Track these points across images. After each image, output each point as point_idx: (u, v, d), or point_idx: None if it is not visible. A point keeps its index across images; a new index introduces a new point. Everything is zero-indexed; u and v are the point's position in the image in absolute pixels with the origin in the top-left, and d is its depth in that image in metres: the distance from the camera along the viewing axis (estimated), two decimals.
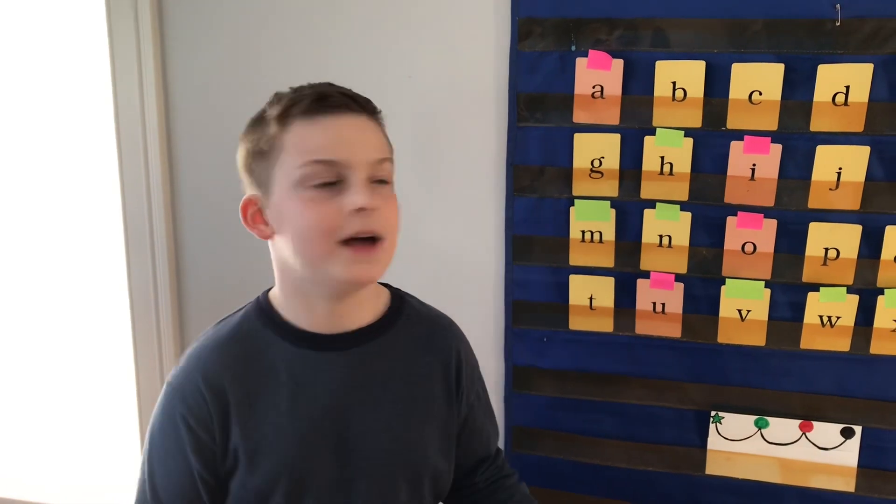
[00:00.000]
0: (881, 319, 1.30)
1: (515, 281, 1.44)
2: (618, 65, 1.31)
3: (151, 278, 1.60)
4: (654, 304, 1.39)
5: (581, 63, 1.33)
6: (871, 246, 1.28)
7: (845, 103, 1.23)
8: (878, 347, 1.31)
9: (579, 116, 1.35)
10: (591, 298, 1.42)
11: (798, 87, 1.25)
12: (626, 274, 1.39)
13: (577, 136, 1.36)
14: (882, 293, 1.28)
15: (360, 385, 0.93)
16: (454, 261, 1.47)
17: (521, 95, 1.37)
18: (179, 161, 1.57)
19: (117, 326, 1.69)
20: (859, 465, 1.35)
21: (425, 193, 1.45)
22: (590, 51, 1.32)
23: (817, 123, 1.25)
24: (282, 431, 0.89)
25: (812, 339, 1.34)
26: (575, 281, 1.41)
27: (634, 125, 1.33)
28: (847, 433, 1.35)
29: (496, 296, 1.46)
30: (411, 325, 0.98)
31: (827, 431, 1.36)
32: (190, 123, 1.55)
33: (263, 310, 0.94)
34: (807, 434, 1.36)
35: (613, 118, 1.34)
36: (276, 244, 0.91)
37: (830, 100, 1.23)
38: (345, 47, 1.43)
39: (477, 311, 1.48)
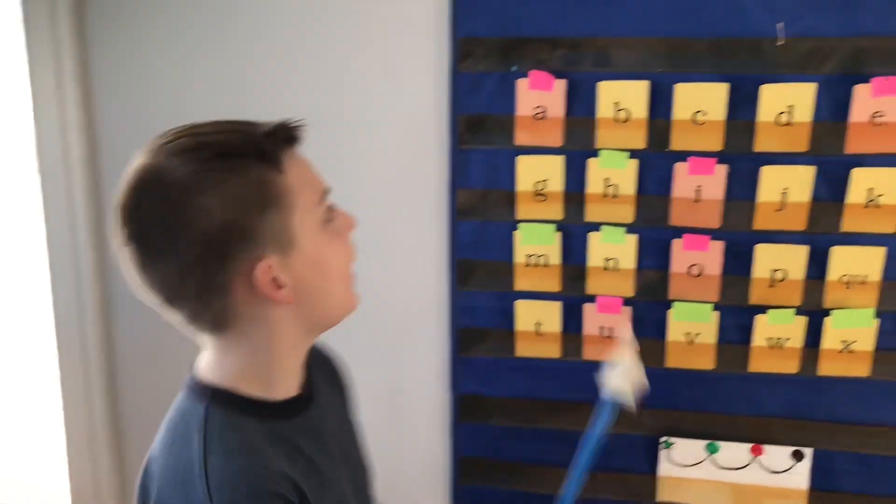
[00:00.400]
0: (829, 340, 1.28)
1: (460, 307, 1.40)
2: (560, 85, 1.27)
3: (75, 297, 1.52)
4: (602, 328, 1.35)
5: (522, 84, 1.28)
6: (817, 266, 1.26)
7: (789, 123, 1.21)
8: (826, 369, 1.30)
9: (522, 138, 1.30)
10: (537, 324, 1.37)
11: (742, 107, 1.22)
12: (573, 298, 1.35)
13: (519, 158, 1.31)
14: (829, 314, 1.26)
15: (333, 423, 0.91)
16: (397, 288, 1.42)
17: (462, 117, 1.32)
18: (104, 177, 1.49)
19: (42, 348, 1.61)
20: (810, 488, 1.34)
21: (365, 219, 1.38)
22: (531, 71, 1.27)
23: (762, 143, 1.23)
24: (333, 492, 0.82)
25: (761, 362, 1.31)
26: (521, 306, 1.37)
27: (578, 147, 1.30)
28: (797, 456, 1.33)
29: (440, 323, 1.42)
30: (319, 360, 0.95)
31: (778, 455, 1.34)
32: (115, 144, 1.47)
33: (238, 406, 0.79)
34: (758, 458, 1.34)
35: (556, 140, 1.30)
36: (284, 309, 0.77)
37: (774, 120, 1.21)
38: (278, 69, 1.37)
39: (421, 339, 1.43)
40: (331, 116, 1.36)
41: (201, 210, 0.70)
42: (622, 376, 1.09)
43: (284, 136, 0.76)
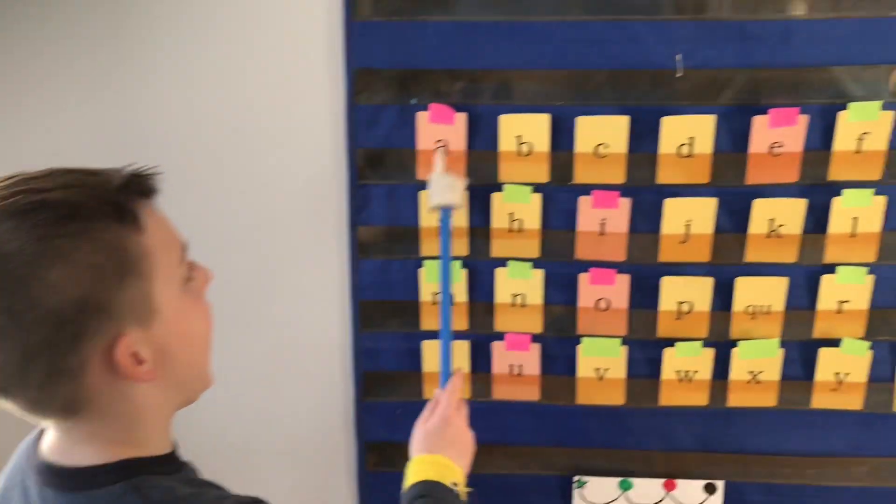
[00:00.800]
0: (736, 371, 1.27)
1: (364, 350, 1.33)
2: (461, 118, 1.22)
3: None
4: (511, 366, 1.31)
5: (423, 117, 1.23)
6: (722, 298, 1.25)
7: (690, 155, 1.19)
8: (735, 400, 1.29)
9: (424, 173, 1.25)
10: (458, 368, 1.31)
11: (643, 140, 1.20)
12: (481, 336, 1.30)
13: (422, 193, 1.25)
14: (736, 345, 1.24)
15: None
16: (297, 332, 1.34)
17: (360, 151, 1.26)
18: None
19: None
20: None
21: (262, 260, 1.31)
22: (431, 104, 1.22)
23: (664, 175, 1.21)
24: None
25: (671, 395, 1.29)
26: (428, 347, 1.31)
27: (481, 181, 1.25)
28: (709, 489, 1.32)
29: (343, 367, 1.34)
30: None
31: (690, 489, 1.32)
32: None
33: (150, 469, 0.70)
34: (671, 493, 1.32)
35: (459, 174, 1.25)
36: (145, 386, 0.69)
37: (676, 151, 1.19)
38: (163, 107, 1.27)
39: (323, 384, 1.36)
40: (221, 154, 1.28)
41: (48, 286, 0.59)
42: (442, 186, 1.19)
43: (140, 188, 0.67)
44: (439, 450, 1.00)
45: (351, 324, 1.32)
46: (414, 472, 1.00)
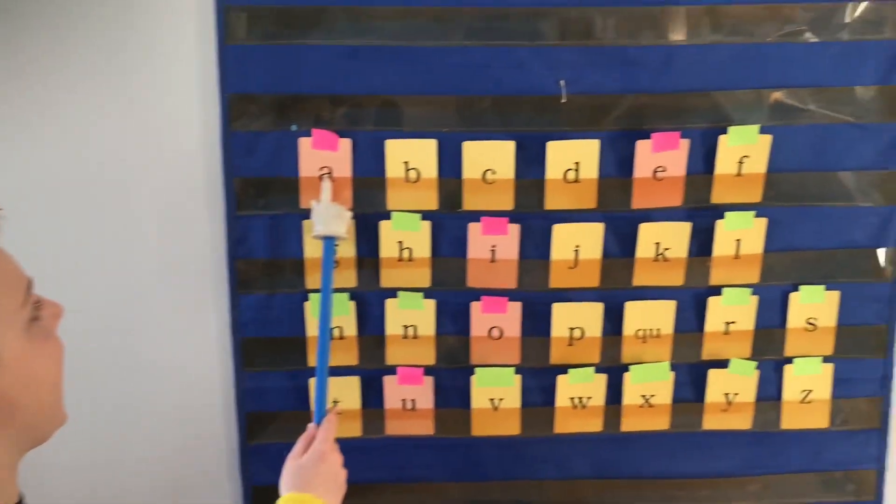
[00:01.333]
0: (629, 396, 1.26)
1: (248, 390, 1.25)
2: (345, 144, 1.17)
3: None
4: (404, 401, 1.26)
5: (305, 143, 1.17)
6: (613, 322, 1.24)
7: (576, 180, 1.17)
8: (628, 425, 1.27)
9: (307, 202, 1.19)
10: (334, 402, 1.25)
11: (531, 165, 1.18)
12: (372, 371, 1.25)
13: (306, 223, 1.20)
14: (627, 369, 1.23)
15: None
16: (174, 373, 1.25)
17: (238, 181, 1.19)
18: None
19: None
20: None
21: (134, 297, 1.22)
22: (313, 130, 1.16)
23: (552, 201, 1.19)
24: None
25: (566, 423, 1.27)
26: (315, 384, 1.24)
27: (368, 209, 1.20)
28: None
29: (226, 409, 1.26)
30: None
31: None
32: None
33: None
34: None
35: (346, 202, 1.20)
36: None
37: (562, 177, 1.17)
38: (28, 133, 1.16)
39: (205, 428, 1.28)
40: (89, 186, 1.22)
41: None
42: (327, 216, 1.18)
43: None
44: (311, 487, 0.97)
45: (233, 363, 1.24)
46: None
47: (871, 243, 1.25)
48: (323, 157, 1.19)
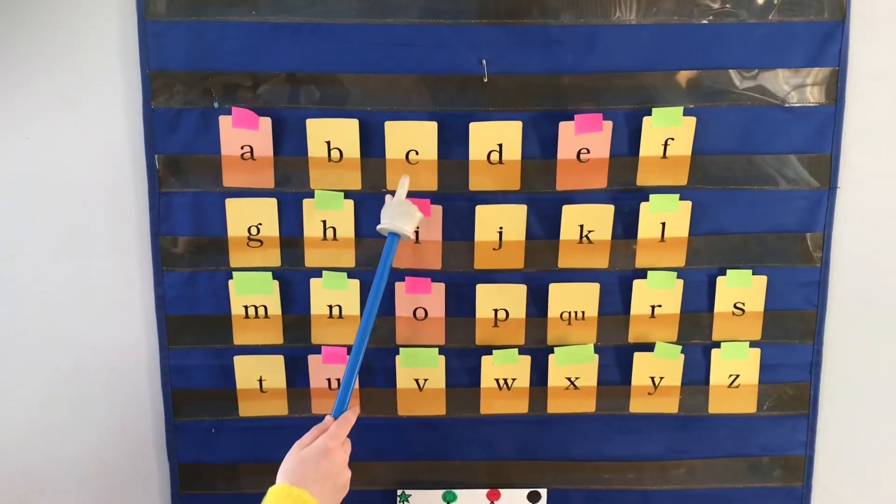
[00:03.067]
0: (554, 378, 1.26)
1: (173, 368, 1.26)
2: (265, 123, 1.17)
3: None
4: (329, 380, 1.26)
5: (225, 121, 1.16)
6: (537, 304, 1.24)
7: (500, 161, 1.17)
8: (554, 406, 1.27)
9: (230, 180, 1.19)
10: (260, 380, 1.26)
11: (454, 146, 1.18)
12: (297, 350, 1.25)
13: (228, 201, 1.20)
14: (552, 351, 1.23)
15: None
16: (99, 350, 1.25)
17: (161, 158, 1.19)
18: None
19: None
20: None
21: (59, 274, 1.22)
22: (233, 108, 1.15)
23: (475, 182, 1.19)
24: None
25: (491, 404, 1.27)
26: (241, 362, 1.25)
27: (291, 188, 1.19)
28: (533, 497, 1.30)
29: (152, 386, 1.27)
30: None
31: (514, 498, 1.30)
32: None
33: None
34: (495, 503, 1.29)
35: (268, 181, 1.19)
36: None
37: (486, 158, 1.17)
38: None
39: (130, 405, 1.28)
40: (10, 162, 1.23)
41: None
42: (400, 212, 1.15)
43: None
44: (307, 483, 0.93)
45: (157, 340, 1.24)
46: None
47: (800, 228, 1.24)
48: (243, 136, 1.19)
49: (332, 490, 0.96)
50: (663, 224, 1.22)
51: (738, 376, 1.28)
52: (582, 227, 1.22)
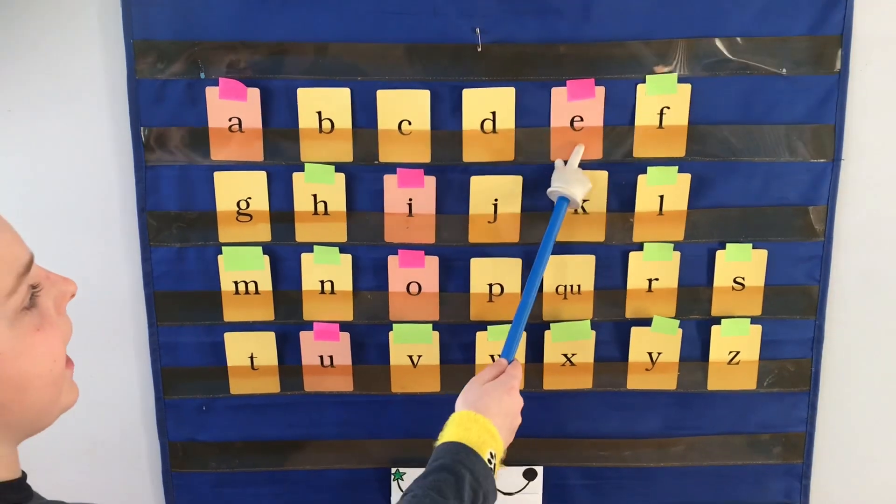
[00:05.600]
0: (550, 354, 1.24)
1: (162, 345, 1.23)
2: (254, 94, 1.14)
3: None
4: (322, 357, 1.23)
5: (212, 92, 1.13)
6: None
7: (494, 130, 1.14)
8: (550, 383, 1.25)
9: (218, 153, 1.16)
10: (251, 357, 1.23)
11: (447, 116, 1.15)
12: (289, 326, 1.23)
13: (217, 174, 1.17)
14: (548, 327, 1.20)
15: None
16: (87, 328, 1.21)
17: (146, 130, 1.15)
18: None
19: None
20: None
21: (42, 252, 1.18)
22: (220, 79, 1.12)
23: (469, 153, 1.16)
24: None
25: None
26: (231, 339, 1.23)
27: (281, 161, 1.17)
28: (529, 475, 1.28)
29: (141, 364, 1.25)
30: None
31: (509, 475, 1.28)
32: None
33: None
34: None
35: (257, 154, 1.16)
36: None
37: (479, 127, 1.14)
38: None
39: (120, 383, 1.26)
40: None
41: None
42: (574, 179, 1.14)
43: None
44: (491, 414, 0.93)
45: (146, 317, 1.22)
46: (455, 427, 0.92)
47: (802, 201, 1.21)
48: (231, 107, 1.16)
49: (509, 429, 0.96)
50: (661, 196, 1.19)
51: (738, 353, 1.25)
52: None
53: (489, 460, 0.89)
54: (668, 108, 1.15)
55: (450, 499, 0.83)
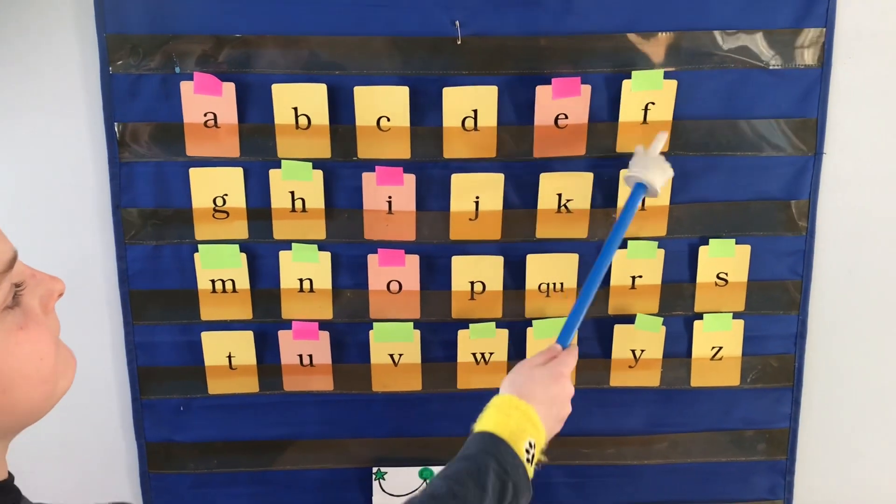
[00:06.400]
0: (532, 351, 1.23)
1: (138, 344, 1.21)
2: (229, 88, 1.11)
3: None
4: (301, 356, 1.21)
5: (187, 87, 1.11)
6: (515, 276, 1.20)
7: (475, 128, 1.12)
8: None
9: (193, 149, 1.14)
10: (229, 357, 1.21)
11: (427, 112, 1.13)
12: (267, 325, 1.21)
13: (192, 171, 1.15)
14: (530, 324, 1.19)
15: None
16: (61, 329, 1.19)
17: (120, 126, 1.13)
18: None
19: None
20: None
21: (18, 249, 1.15)
22: (195, 73, 1.10)
23: (450, 150, 1.14)
24: None
25: (468, 379, 1.23)
26: (209, 338, 1.20)
27: (258, 157, 1.15)
28: None
29: (117, 364, 1.22)
30: None
31: None
32: None
33: None
34: None
35: (233, 150, 1.14)
36: None
37: (460, 124, 1.12)
38: None
39: (96, 383, 1.24)
40: None
41: None
42: (656, 166, 1.08)
43: None
44: (535, 401, 0.88)
45: (122, 316, 1.19)
46: (494, 412, 0.87)
47: (785, 195, 1.20)
48: (206, 102, 1.14)
49: (556, 419, 0.91)
50: None
51: (720, 348, 1.24)
52: (560, 195, 1.17)
53: (527, 450, 0.84)
54: (653, 103, 1.14)
55: (470, 488, 0.78)
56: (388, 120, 1.14)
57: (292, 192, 1.17)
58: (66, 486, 1.28)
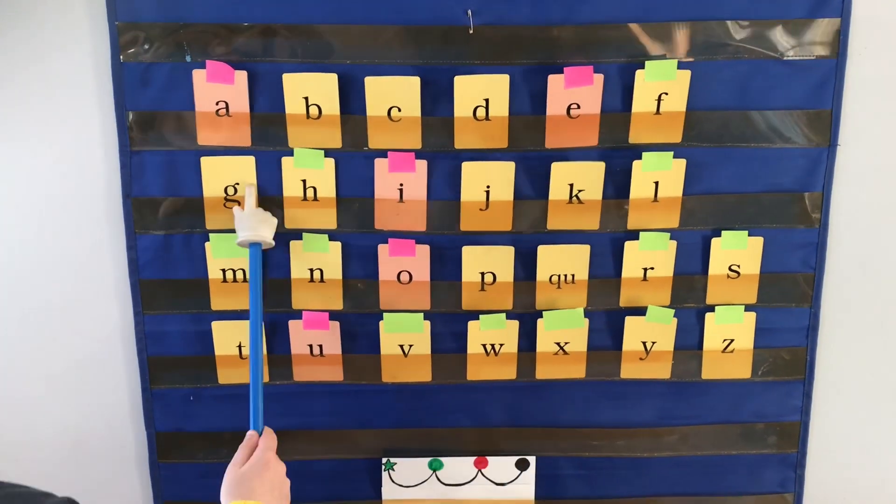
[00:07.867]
0: (543, 343, 1.21)
1: (148, 334, 1.21)
2: (241, 77, 1.11)
3: None
4: (311, 346, 1.21)
5: (199, 75, 1.11)
6: (526, 267, 1.19)
7: (486, 118, 1.11)
8: (542, 372, 1.23)
9: (205, 138, 1.13)
10: (240, 346, 1.21)
11: (438, 102, 1.13)
12: (278, 315, 1.21)
13: (204, 160, 1.14)
14: (541, 316, 1.18)
15: None
16: (71, 318, 1.20)
17: (131, 114, 1.13)
18: None
19: None
20: (536, 497, 1.28)
21: (24, 240, 1.17)
22: (207, 61, 1.09)
23: (461, 140, 1.13)
24: None
25: (478, 370, 1.23)
26: (219, 328, 1.20)
27: (269, 146, 1.14)
28: (522, 465, 1.27)
29: (127, 353, 1.22)
30: None
31: (502, 465, 1.27)
32: None
33: None
34: (482, 471, 1.26)
35: (244, 139, 1.14)
36: None
37: (472, 114, 1.11)
38: None
39: (106, 373, 1.24)
40: None
41: None
42: (253, 222, 1.13)
43: None
44: (256, 496, 0.92)
45: (132, 306, 1.19)
46: None
47: (798, 187, 1.19)
48: (218, 91, 1.14)
49: (280, 499, 0.95)
50: (656, 183, 1.17)
51: (732, 341, 1.23)
52: (572, 186, 1.17)
53: None
54: (667, 93, 1.13)
55: None
56: (399, 110, 1.14)
57: (304, 181, 1.17)
58: (76, 475, 1.29)
